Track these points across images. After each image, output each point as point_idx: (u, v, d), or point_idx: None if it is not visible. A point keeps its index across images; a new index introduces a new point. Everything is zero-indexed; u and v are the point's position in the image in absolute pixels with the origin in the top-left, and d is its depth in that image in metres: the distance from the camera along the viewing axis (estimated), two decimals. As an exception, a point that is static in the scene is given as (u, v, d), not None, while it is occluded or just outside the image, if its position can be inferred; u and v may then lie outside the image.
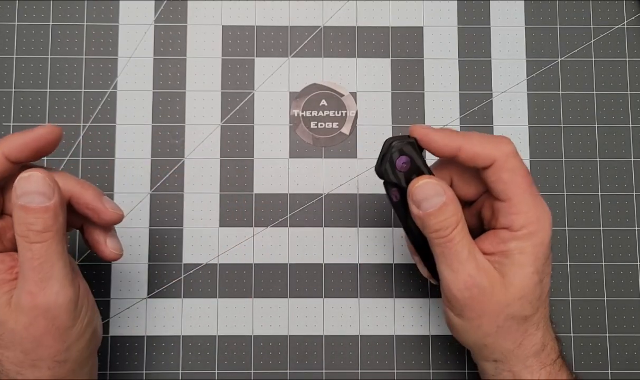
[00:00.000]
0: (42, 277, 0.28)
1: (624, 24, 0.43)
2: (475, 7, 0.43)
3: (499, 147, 0.30)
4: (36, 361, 0.29)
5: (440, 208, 0.30)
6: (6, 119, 0.41)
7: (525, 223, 0.30)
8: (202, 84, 0.42)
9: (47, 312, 0.28)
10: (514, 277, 0.30)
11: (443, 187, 0.30)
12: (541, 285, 0.31)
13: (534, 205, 0.30)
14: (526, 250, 0.30)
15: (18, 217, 0.28)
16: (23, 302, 0.28)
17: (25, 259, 0.28)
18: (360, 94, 0.42)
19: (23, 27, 0.42)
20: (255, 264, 0.40)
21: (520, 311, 0.30)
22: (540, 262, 0.30)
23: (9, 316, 0.28)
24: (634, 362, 0.40)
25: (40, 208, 0.28)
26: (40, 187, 0.28)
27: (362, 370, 0.39)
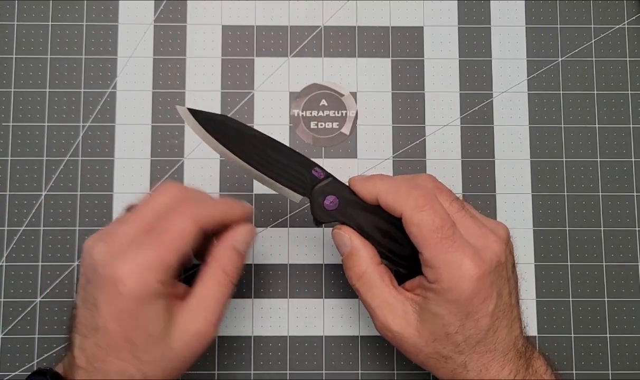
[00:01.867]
0: (221, 310, 0.31)
1: (624, 24, 0.42)
2: (475, 7, 0.43)
3: (407, 201, 0.30)
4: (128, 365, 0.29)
5: (346, 257, 0.33)
6: (6, 119, 0.41)
7: (436, 279, 0.30)
8: (202, 84, 0.42)
9: (205, 342, 0.30)
10: (426, 321, 0.31)
11: (350, 238, 0.32)
12: (458, 336, 0.30)
13: (445, 263, 0.30)
14: (439, 303, 0.30)
15: (229, 257, 0.31)
16: (196, 324, 0.30)
17: (217, 294, 0.31)
18: (360, 94, 0.42)
19: (23, 27, 0.42)
20: (255, 264, 0.40)
21: (439, 352, 0.31)
22: (456, 318, 0.30)
23: (172, 336, 0.30)
24: (634, 362, 0.40)
25: (244, 258, 0.32)
26: (250, 240, 0.33)
27: (362, 371, 0.39)
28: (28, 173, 0.40)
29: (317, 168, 0.33)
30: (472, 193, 0.41)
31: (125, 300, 0.29)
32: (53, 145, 0.41)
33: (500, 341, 0.31)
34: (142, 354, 0.29)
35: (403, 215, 0.30)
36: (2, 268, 0.40)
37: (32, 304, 0.39)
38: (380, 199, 0.31)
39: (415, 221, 0.30)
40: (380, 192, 0.31)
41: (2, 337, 0.39)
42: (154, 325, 0.29)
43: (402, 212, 0.30)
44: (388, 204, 0.31)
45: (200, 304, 0.30)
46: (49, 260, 0.40)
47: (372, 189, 0.32)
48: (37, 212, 0.40)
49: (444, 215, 0.30)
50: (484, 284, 0.30)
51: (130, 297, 0.29)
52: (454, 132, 0.41)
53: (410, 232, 0.31)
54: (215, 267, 0.31)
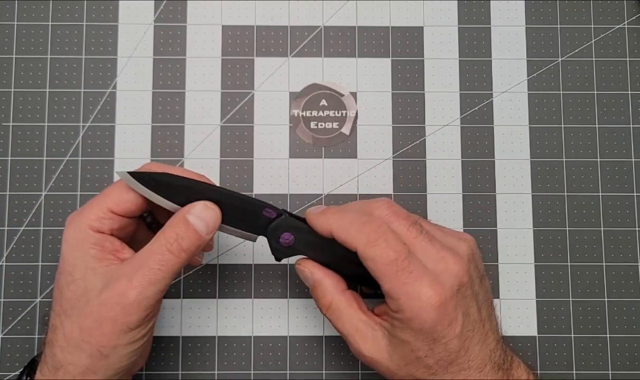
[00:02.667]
0: (150, 279, 0.29)
1: (625, 24, 0.42)
2: (475, 7, 0.43)
3: (359, 237, 0.30)
4: (84, 343, 0.29)
5: (311, 290, 0.34)
6: (6, 118, 0.41)
7: (398, 309, 0.30)
8: (202, 84, 0.42)
9: (127, 306, 0.29)
10: (397, 348, 0.31)
11: (311, 271, 0.33)
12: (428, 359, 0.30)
13: (403, 295, 0.29)
14: (405, 331, 0.30)
15: (176, 226, 0.31)
16: (117, 283, 0.29)
17: (151, 257, 0.30)
18: (360, 94, 0.42)
19: (23, 27, 0.42)
20: (255, 264, 0.40)
21: (413, 374, 0.31)
22: (423, 344, 0.30)
23: (94, 286, 0.30)
24: (634, 362, 0.40)
25: (197, 234, 0.31)
26: (210, 221, 0.31)
27: (362, 371, 0.39)
28: (28, 173, 0.40)
29: (268, 208, 0.33)
30: (472, 193, 0.41)
31: (63, 246, 0.31)
32: (53, 145, 0.41)
33: (474, 358, 0.31)
34: (66, 304, 0.30)
35: (357, 251, 0.30)
36: (2, 268, 0.40)
37: (32, 304, 0.39)
38: (334, 235, 0.31)
39: (370, 256, 0.30)
40: (333, 228, 0.31)
41: (2, 337, 0.39)
42: (79, 271, 0.30)
43: (356, 248, 0.30)
44: (342, 240, 0.31)
45: (131, 265, 0.30)
46: (49, 260, 0.40)
47: (326, 225, 0.32)
48: (37, 212, 0.40)
49: (397, 247, 0.30)
50: (447, 309, 0.30)
51: (64, 242, 0.31)
52: (454, 132, 0.41)
53: (367, 267, 0.30)
54: (158, 234, 0.31)
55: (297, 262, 0.34)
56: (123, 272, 0.30)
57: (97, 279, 0.30)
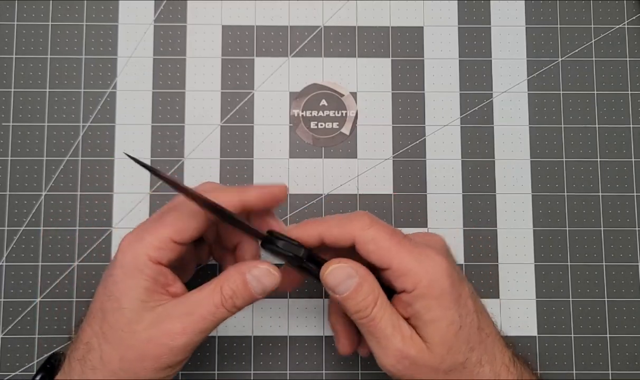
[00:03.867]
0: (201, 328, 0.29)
1: (624, 24, 0.42)
2: (475, 7, 0.43)
3: (353, 224, 0.30)
4: (121, 372, 0.29)
5: (355, 289, 0.30)
6: (6, 119, 0.41)
7: (416, 280, 0.29)
8: (202, 84, 0.42)
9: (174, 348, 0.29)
10: (433, 336, 0.30)
11: (354, 267, 0.30)
12: (463, 330, 0.30)
13: (415, 261, 0.30)
14: (431, 306, 0.30)
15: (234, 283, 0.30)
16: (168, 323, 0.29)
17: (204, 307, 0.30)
18: (360, 94, 0.42)
19: (23, 27, 0.42)
20: (255, 264, 0.40)
21: (454, 362, 0.30)
22: (452, 310, 0.30)
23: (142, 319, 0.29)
24: (634, 362, 0.40)
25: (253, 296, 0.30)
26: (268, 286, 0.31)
27: (362, 371, 0.39)
28: (28, 173, 0.40)
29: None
30: (472, 193, 0.41)
31: (114, 268, 0.30)
32: (53, 145, 0.41)
33: (489, 324, 0.31)
34: (107, 329, 0.30)
35: (355, 239, 0.30)
36: (2, 268, 0.40)
37: (32, 304, 0.39)
38: (325, 236, 0.31)
39: (370, 237, 0.30)
40: (322, 230, 0.31)
41: (2, 337, 0.39)
42: (128, 299, 0.29)
43: (353, 236, 0.30)
44: (335, 236, 0.31)
45: (183, 307, 0.30)
46: (49, 260, 0.40)
47: (313, 231, 0.31)
48: (37, 212, 0.40)
49: (391, 228, 0.31)
50: (450, 265, 0.30)
51: (118, 265, 0.30)
52: (454, 132, 0.41)
53: (367, 252, 0.30)
54: (215, 283, 0.30)
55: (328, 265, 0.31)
56: (175, 313, 0.29)
57: (146, 313, 0.29)
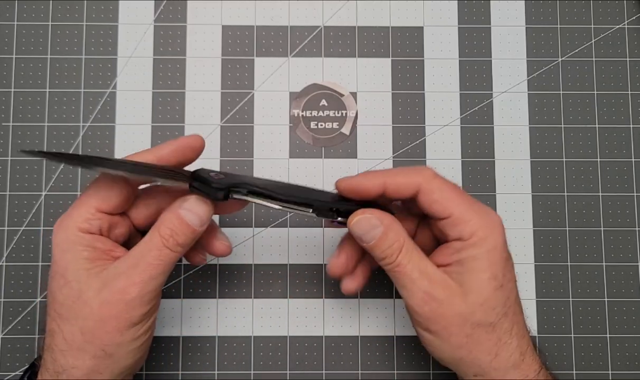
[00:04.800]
0: (150, 274, 0.30)
1: (624, 24, 0.42)
2: (475, 7, 0.43)
3: (420, 173, 0.31)
4: (87, 344, 0.29)
5: (381, 238, 0.31)
6: (6, 119, 0.41)
7: (474, 230, 0.30)
8: (202, 84, 0.42)
9: (130, 301, 0.29)
10: (471, 284, 0.30)
11: (379, 217, 0.31)
12: (503, 291, 0.30)
13: (476, 213, 0.31)
14: (480, 257, 0.30)
15: (169, 221, 0.30)
16: (117, 281, 0.29)
17: (148, 253, 0.30)
18: (360, 94, 0.42)
19: (23, 27, 0.42)
20: (255, 264, 0.40)
21: (485, 318, 0.30)
22: (498, 267, 0.30)
23: (90, 286, 0.29)
24: (634, 362, 0.40)
25: (191, 228, 0.31)
26: (202, 214, 0.31)
27: (362, 371, 0.39)
28: (28, 173, 0.40)
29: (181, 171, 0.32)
30: (472, 193, 0.41)
31: (53, 250, 0.30)
32: (53, 145, 0.41)
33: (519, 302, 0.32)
34: (60, 308, 0.30)
35: (420, 188, 0.31)
36: (2, 268, 0.40)
37: (32, 304, 0.39)
38: (389, 184, 0.31)
39: (437, 186, 0.31)
40: (386, 178, 0.31)
41: (2, 337, 0.39)
42: (72, 273, 0.30)
43: (418, 185, 0.31)
44: (398, 185, 0.31)
45: (128, 262, 0.30)
46: (49, 260, 0.40)
47: (377, 180, 0.31)
48: (37, 212, 0.40)
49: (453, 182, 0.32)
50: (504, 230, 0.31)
51: (54, 245, 0.30)
52: (454, 132, 0.41)
53: (431, 201, 0.31)
54: (153, 230, 0.31)
55: (354, 216, 0.31)
56: (121, 269, 0.30)
57: (93, 279, 0.30)
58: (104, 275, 0.30)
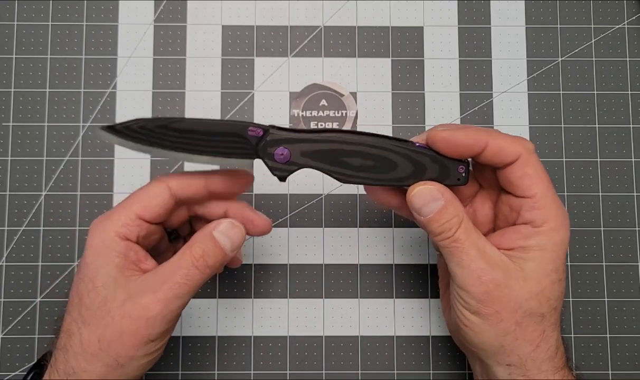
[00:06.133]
0: (175, 293, 0.29)
1: (624, 24, 0.42)
2: (475, 7, 0.43)
3: (523, 143, 0.31)
4: (102, 352, 0.29)
5: (440, 211, 0.30)
6: (6, 119, 0.41)
7: (549, 218, 0.30)
8: (202, 84, 0.42)
9: (151, 319, 0.29)
10: (532, 272, 0.30)
11: (440, 190, 0.31)
12: (560, 284, 0.30)
13: (556, 203, 0.31)
14: (546, 247, 0.30)
15: (202, 242, 0.30)
16: (142, 296, 0.29)
17: (177, 271, 0.30)
18: (360, 94, 0.42)
19: (23, 27, 0.42)
20: (256, 264, 0.40)
21: (538, 308, 0.30)
22: (560, 261, 0.30)
23: (116, 296, 0.29)
24: (634, 362, 0.40)
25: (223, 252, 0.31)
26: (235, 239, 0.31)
27: (362, 371, 0.39)
28: (28, 173, 0.40)
29: (252, 127, 0.31)
30: (472, 193, 0.41)
31: (85, 250, 0.30)
32: (53, 145, 0.41)
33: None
34: (85, 312, 0.30)
35: (521, 156, 0.30)
36: (2, 268, 0.40)
37: (32, 304, 0.39)
38: (491, 144, 0.30)
39: (534, 161, 0.30)
40: (489, 138, 0.30)
41: (2, 337, 0.39)
42: (101, 279, 0.30)
43: (519, 154, 0.30)
44: (502, 147, 0.30)
45: (156, 279, 0.30)
46: (49, 260, 0.40)
47: (480, 137, 0.30)
48: (37, 212, 0.40)
49: None
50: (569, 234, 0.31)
51: (88, 246, 0.30)
52: (454, 132, 0.41)
53: (523, 174, 0.30)
54: (184, 249, 0.31)
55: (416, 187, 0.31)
56: (148, 285, 0.30)
57: (119, 289, 0.30)
58: (131, 288, 0.30)
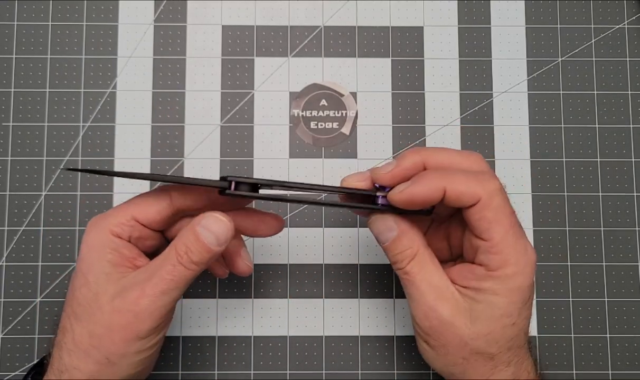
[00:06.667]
0: (162, 289, 0.29)
1: (624, 24, 0.42)
2: (475, 7, 0.43)
3: (484, 185, 0.29)
4: (92, 349, 0.29)
5: (394, 241, 0.31)
6: (6, 119, 0.41)
7: (504, 264, 0.29)
8: (202, 84, 0.42)
9: (139, 313, 0.29)
10: (481, 314, 0.29)
11: (396, 221, 0.31)
12: (513, 328, 0.30)
13: (515, 248, 0.29)
14: (499, 292, 0.29)
15: (186, 237, 0.30)
16: (131, 291, 0.29)
17: (163, 267, 0.30)
18: (360, 94, 0.42)
19: (23, 27, 0.42)
20: (256, 264, 0.40)
21: (486, 348, 0.30)
22: (515, 307, 0.29)
23: (107, 291, 0.29)
24: (634, 362, 0.40)
25: (207, 247, 0.30)
26: (220, 234, 0.30)
27: (362, 371, 0.39)
28: (28, 173, 0.40)
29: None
30: (472, 193, 0.41)
31: (81, 246, 0.31)
32: (53, 145, 0.41)
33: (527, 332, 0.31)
34: (77, 307, 0.30)
35: (480, 201, 0.29)
36: (2, 268, 0.40)
37: (32, 304, 0.39)
38: (450, 190, 0.29)
39: (494, 205, 0.29)
40: (447, 184, 0.29)
41: (2, 337, 0.39)
42: (93, 273, 0.30)
43: (479, 198, 0.29)
44: (461, 193, 0.29)
45: (144, 274, 0.30)
46: (49, 260, 0.40)
47: (438, 186, 0.29)
48: (37, 212, 0.40)
49: (510, 207, 0.30)
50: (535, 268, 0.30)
51: (83, 242, 0.31)
52: (454, 132, 0.41)
53: (482, 218, 0.29)
54: (171, 245, 0.30)
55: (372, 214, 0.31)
56: (136, 280, 0.30)
57: (111, 285, 0.30)
58: (122, 284, 0.30)
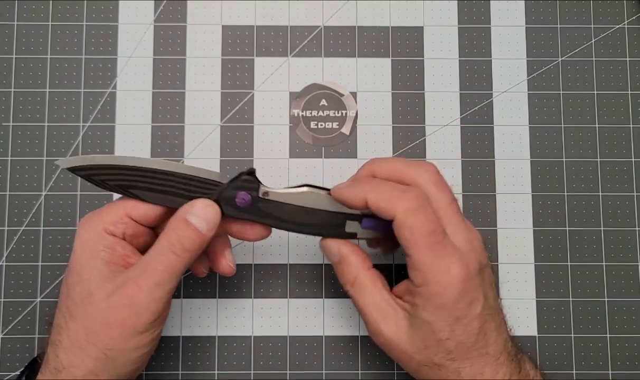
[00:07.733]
0: (156, 281, 0.30)
1: (624, 24, 0.42)
2: (475, 7, 0.43)
3: (400, 204, 0.30)
4: (89, 345, 0.29)
5: (335, 266, 0.33)
6: (5, 119, 0.41)
7: (423, 283, 0.30)
8: (202, 84, 0.42)
9: (136, 308, 0.29)
10: (417, 329, 0.30)
11: (337, 247, 0.32)
12: (449, 342, 0.30)
13: (434, 267, 0.29)
14: (427, 309, 0.30)
15: (176, 227, 0.30)
16: (125, 287, 0.29)
17: (155, 259, 0.30)
18: (360, 94, 0.42)
19: (23, 27, 0.42)
20: (255, 264, 0.40)
21: (431, 359, 0.30)
22: (444, 323, 0.30)
23: (101, 288, 0.30)
24: (634, 362, 0.40)
25: (198, 233, 0.30)
26: (210, 218, 0.31)
27: (362, 371, 0.39)
28: (28, 173, 0.40)
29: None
30: (472, 193, 0.41)
31: (74, 244, 0.31)
32: (53, 145, 0.41)
33: (491, 344, 0.31)
34: (71, 305, 0.30)
35: (395, 219, 0.30)
36: (2, 268, 0.40)
37: (32, 304, 0.39)
38: (371, 203, 0.31)
39: (408, 225, 0.30)
40: (369, 196, 0.31)
41: (2, 337, 0.39)
42: (88, 271, 0.30)
43: (394, 215, 0.30)
44: (379, 207, 0.30)
45: (137, 269, 0.30)
46: (49, 260, 0.40)
47: (360, 194, 0.31)
48: (37, 212, 0.40)
49: (435, 220, 0.30)
50: (471, 286, 0.30)
51: (76, 240, 0.31)
52: (454, 132, 0.41)
53: (401, 236, 0.30)
54: (161, 237, 0.31)
55: (322, 238, 0.33)
56: (130, 275, 0.30)
57: (105, 282, 0.30)
58: (116, 280, 0.30)
